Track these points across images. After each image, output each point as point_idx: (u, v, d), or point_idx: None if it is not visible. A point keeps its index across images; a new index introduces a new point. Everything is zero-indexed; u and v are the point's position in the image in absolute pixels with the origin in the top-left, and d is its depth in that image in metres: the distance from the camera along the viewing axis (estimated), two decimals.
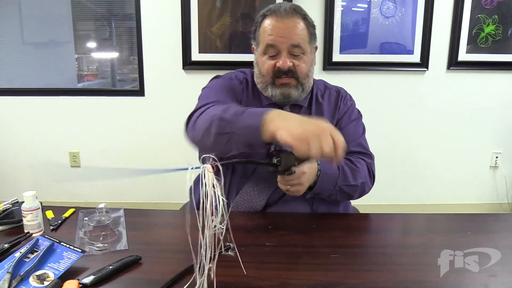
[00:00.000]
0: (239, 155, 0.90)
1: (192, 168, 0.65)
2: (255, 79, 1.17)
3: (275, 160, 0.89)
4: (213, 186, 0.64)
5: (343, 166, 1.09)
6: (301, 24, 1.08)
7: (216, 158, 0.66)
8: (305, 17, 1.11)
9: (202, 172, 0.65)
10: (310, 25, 1.11)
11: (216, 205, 0.63)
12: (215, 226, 0.64)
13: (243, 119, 0.86)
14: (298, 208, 1.12)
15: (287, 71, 1.08)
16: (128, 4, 2.51)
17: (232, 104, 0.96)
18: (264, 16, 1.11)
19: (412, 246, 0.94)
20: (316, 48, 1.17)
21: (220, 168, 0.65)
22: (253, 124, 0.83)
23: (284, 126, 0.80)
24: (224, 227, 0.65)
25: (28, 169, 2.67)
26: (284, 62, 1.07)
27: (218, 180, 0.65)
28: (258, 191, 1.12)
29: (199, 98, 1.13)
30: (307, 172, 0.98)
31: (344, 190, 1.08)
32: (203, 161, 0.66)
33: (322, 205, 1.14)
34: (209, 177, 0.64)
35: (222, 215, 0.64)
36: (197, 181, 1.25)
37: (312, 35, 1.12)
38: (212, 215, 0.64)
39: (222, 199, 0.64)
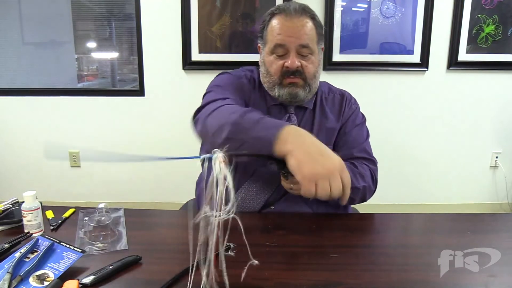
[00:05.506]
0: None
1: (204, 158, 0.65)
2: (261, 78, 1.16)
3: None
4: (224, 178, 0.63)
5: (347, 168, 1.08)
6: (310, 24, 1.07)
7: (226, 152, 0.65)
8: (314, 17, 1.10)
9: (213, 161, 0.65)
10: (318, 26, 1.10)
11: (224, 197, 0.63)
12: (221, 215, 0.63)
13: (257, 130, 0.84)
14: (298, 210, 1.11)
15: (295, 71, 1.07)
16: (128, 4, 2.51)
17: (247, 109, 0.92)
18: (273, 15, 1.10)
19: (412, 246, 0.94)
20: (322, 49, 1.16)
21: (230, 160, 0.65)
22: (266, 137, 0.82)
23: (296, 155, 0.78)
24: (232, 216, 0.64)
25: (28, 169, 2.67)
26: (293, 62, 1.06)
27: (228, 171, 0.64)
28: (257, 192, 1.12)
29: (205, 94, 1.10)
30: None
31: None
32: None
33: (322, 208, 1.13)
34: (220, 168, 0.63)
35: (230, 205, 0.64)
36: (198, 182, 1.24)
37: (320, 36, 1.11)
38: (221, 205, 0.63)
39: (232, 191, 0.63)
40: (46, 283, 0.71)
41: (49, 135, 2.63)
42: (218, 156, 0.65)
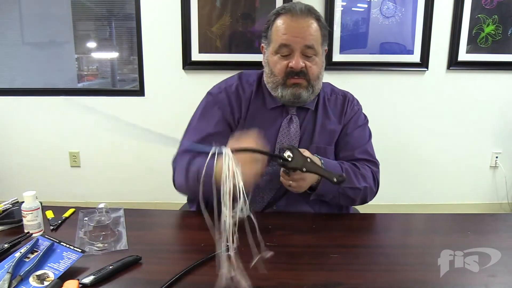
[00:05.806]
0: None
1: (216, 150, 0.71)
2: (265, 78, 1.15)
3: (286, 154, 0.90)
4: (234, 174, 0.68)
5: (348, 169, 1.08)
6: (315, 25, 1.07)
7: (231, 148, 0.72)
8: (319, 19, 1.09)
9: (223, 155, 0.70)
10: (323, 27, 1.10)
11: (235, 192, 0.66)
12: (235, 212, 0.66)
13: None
14: (300, 210, 1.11)
15: (299, 72, 1.06)
16: (128, 4, 2.50)
17: (188, 165, 1.03)
18: (278, 15, 1.09)
19: (412, 246, 0.94)
20: (326, 50, 1.14)
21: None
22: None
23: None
24: (246, 212, 0.68)
25: (28, 169, 2.67)
26: (297, 62, 1.05)
27: (238, 165, 0.69)
28: (259, 193, 1.12)
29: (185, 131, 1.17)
30: None
31: (348, 193, 1.08)
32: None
33: (323, 208, 1.14)
34: (230, 160, 0.68)
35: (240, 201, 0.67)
36: (190, 200, 1.27)
37: (324, 37, 1.10)
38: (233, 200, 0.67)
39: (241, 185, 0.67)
40: (46, 283, 0.71)
41: (49, 135, 2.63)
42: (228, 150, 0.68)
